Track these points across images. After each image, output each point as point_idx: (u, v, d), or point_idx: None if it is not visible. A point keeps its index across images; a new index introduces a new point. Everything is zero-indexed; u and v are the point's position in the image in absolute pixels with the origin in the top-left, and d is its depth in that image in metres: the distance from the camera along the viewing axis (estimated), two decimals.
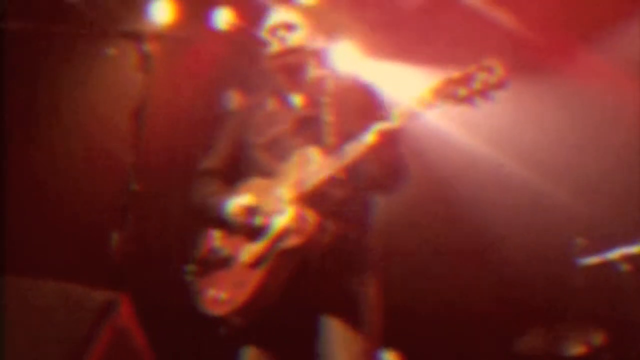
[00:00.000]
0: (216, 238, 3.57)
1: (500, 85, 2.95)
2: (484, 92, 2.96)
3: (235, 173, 3.68)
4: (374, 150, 3.17)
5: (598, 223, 5.64)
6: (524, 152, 6.21)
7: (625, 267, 5.09)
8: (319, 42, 3.75)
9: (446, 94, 3.04)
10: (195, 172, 3.86)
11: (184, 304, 3.57)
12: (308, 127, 3.53)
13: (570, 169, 6.09)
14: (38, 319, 2.83)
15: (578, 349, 5.13)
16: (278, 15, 3.74)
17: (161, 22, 6.47)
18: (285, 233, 3.29)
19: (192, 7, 6.46)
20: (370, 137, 3.16)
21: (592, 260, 5.23)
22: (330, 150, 3.33)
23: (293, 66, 3.64)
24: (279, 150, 3.53)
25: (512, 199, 6.26)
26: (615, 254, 5.14)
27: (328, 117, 3.49)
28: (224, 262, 3.46)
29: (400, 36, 6.41)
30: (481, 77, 2.96)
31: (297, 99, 3.68)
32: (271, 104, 3.73)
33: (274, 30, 3.67)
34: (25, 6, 5.11)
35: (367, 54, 6.59)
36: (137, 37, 3.42)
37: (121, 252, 3.06)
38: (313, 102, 3.61)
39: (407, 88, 6.49)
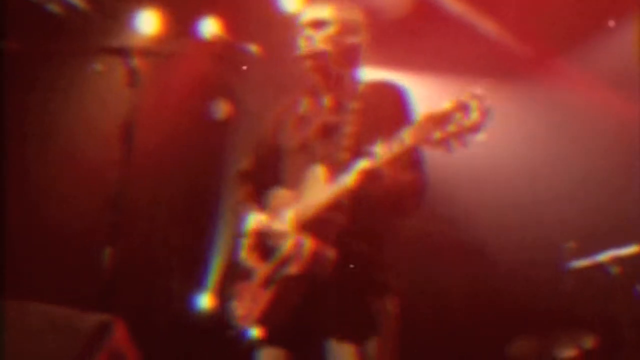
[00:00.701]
0: (243, 248, 3.53)
1: (473, 129, 2.75)
2: (458, 136, 2.78)
3: (269, 175, 3.61)
4: (357, 189, 3.08)
5: (588, 226, 5.66)
6: (514, 158, 6.24)
7: (615, 270, 5.10)
8: (351, 38, 3.53)
9: (423, 137, 2.87)
10: (233, 173, 3.84)
11: (173, 319, 3.57)
12: (330, 135, 3.42)
13: (559, 174, 6.13)
14: (32, 343, 2.80)
15: (569, 353, 5.14)
16: (308, 13, 3.58)
17: (147, 34, 6.48)
18: (286, 260, 3.25)
19: (177, 18, 6.47)
20: (351, 177, 3.07)
21: (582, 263, 5.24)
22: (340, 168, 3.20)
23: (321, 68, 3.49)
24: (305, 156, 3.43)
25: (502, 205, 6.27)
26: (605, 256, 5.16)
27: (350, 127, 3.39)
28: (247, 274, 3.45)
29: (384, 43, 6.41)
30: (456, 118, 2.77)
31: (327, 101, 3.54)
32: (305, 104, 3.61)
33: (302, 29, 3.53)
34: (13, 23, 5.11)
35: None
36: (124, 52, 3.41)
37: (112, 269, 3.06)
38: (340, 106, 3.48)
39: None
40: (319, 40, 3.48)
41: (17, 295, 3.04)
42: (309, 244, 3.19)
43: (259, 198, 3.60)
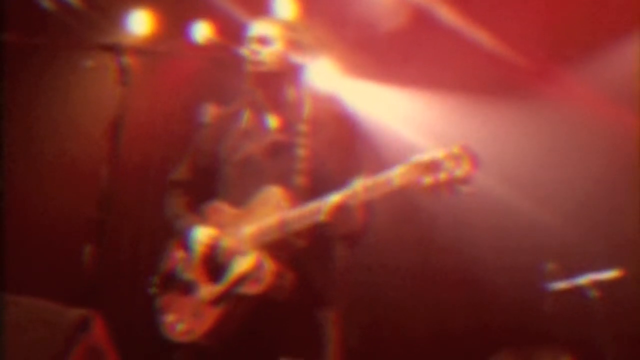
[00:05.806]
0: (179, 260, 3.54)
1: (464, 180, 2.84)
2: (448, 184, 2.86)
3: (206, 185, 3.64)
4: (328, 224, 3.13)
5: (569, 248, 5.67)
6: (499, 174, 6.23)
7: (594, 294, 5.12)
8: (295, 59, 3.64)
9: (412, 180, 2.93)
10: (166, 182, 3.83)
11: (155, 320, 3.55)
12: (280, 154, 3.48)
13: (544, 193, 6.12)
14: (10, 336, 2.77)
15: None
16: (255, 29, 3.67)
17: (140, 34, 6.48)
18: (243, 279, 3.26)
19: (170, 19, 6.47)
20: (324, 212, 3.11)
21: (562, 285, 5.26)
22: (299, 193, 3.30)
23: (265, 81, 3.57)
24: (250, 172, 3.49)
25: (485, 222, 6.27)
26: (584, 279, 5.18)
27: (302, 150, 3.43)
28: (185, 288, 3.45)
29: (380, 56, 6.43)
30: (448, 167, 2.86)
31: (273, 121, 3.61)
32: (247, 119, 3.64)
33: (249, 43, 3.62)
34: (4, 16, 5.08)
35: (346, 72, 6.62)
36: (115, 49, 3.39)
37: (94, 266, 3.04)
38: (289, 127, 3.54)
39: (385, 108, 6.56)
40: (263, 55, 3.56)
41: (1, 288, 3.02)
42: (270, 265, 3.22)
43: (196, 209, 3.62)
